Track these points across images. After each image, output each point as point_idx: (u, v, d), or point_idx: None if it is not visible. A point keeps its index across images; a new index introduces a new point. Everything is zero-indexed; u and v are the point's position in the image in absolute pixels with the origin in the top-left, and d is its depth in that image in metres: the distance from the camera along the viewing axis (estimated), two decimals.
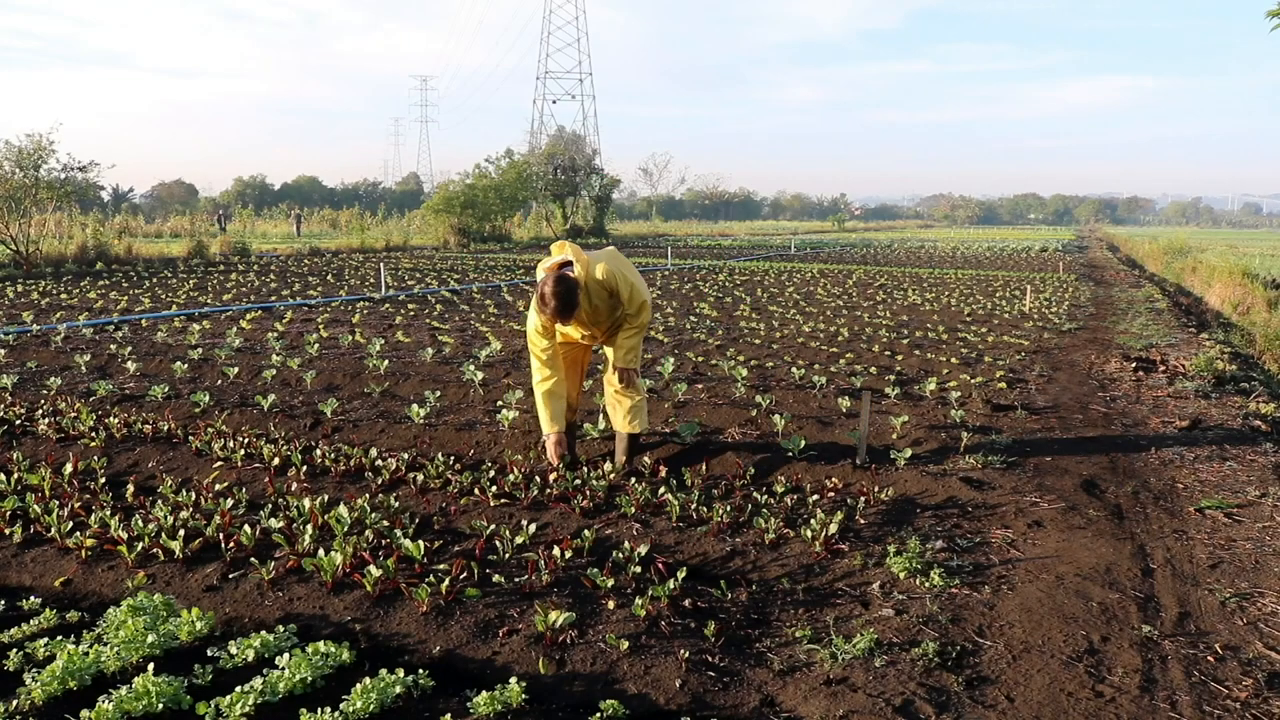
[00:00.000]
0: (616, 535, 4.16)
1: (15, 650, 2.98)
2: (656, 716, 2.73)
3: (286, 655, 2.84)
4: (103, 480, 4.80)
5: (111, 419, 5.93)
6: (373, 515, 4.18)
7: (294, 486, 4.76)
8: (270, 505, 4.41)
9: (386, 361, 7.91)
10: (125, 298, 14.17)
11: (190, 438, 5.63)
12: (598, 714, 2.66)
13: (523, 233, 43.94)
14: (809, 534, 4.02)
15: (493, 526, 4.12)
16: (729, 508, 4.34)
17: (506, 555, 3.82)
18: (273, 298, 14.75)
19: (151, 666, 2.74)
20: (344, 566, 3.54)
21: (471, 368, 7.62)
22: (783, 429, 5.78)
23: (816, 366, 8.27)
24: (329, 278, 19.00)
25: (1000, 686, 2.89)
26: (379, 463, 5.09)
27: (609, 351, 5.18)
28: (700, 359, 8.68)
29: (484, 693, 2.70)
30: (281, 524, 4.05)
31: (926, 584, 3.62)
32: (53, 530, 3.98)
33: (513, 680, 2.76)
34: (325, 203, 79.58)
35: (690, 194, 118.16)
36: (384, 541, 3.94)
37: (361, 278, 19.07)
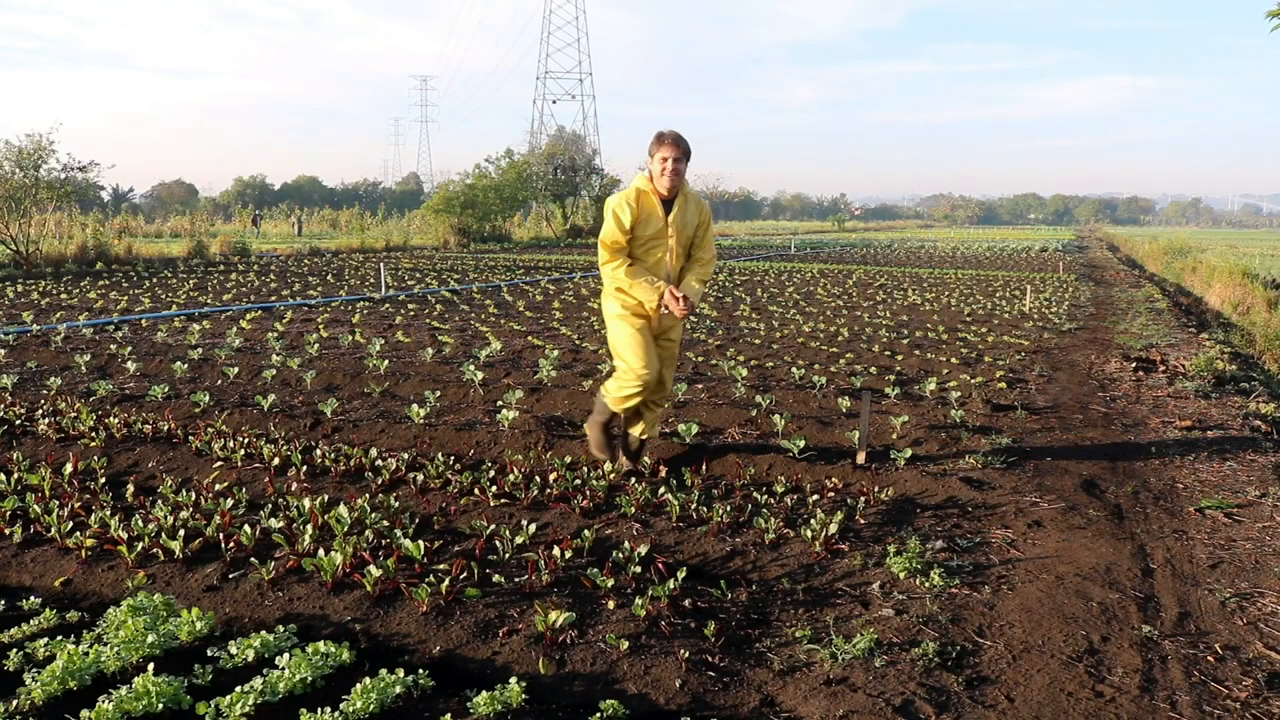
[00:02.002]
0: (616, 535, 4.16)
1: (15, 650, 2.97)
2: (656, 716, 2.73)
3: (286, 655, 2.84)
4: (103, 480, 4.79)
5: (111, 419, 5.93)
6: (373, 515, 4.18)
7: (294, 486, 4.76)
8: (270, 505, 4.41)
9: (386, 361, 7.91)
10: (125, 298, 14.17)
11: (190, 438, 5.63)
12: (598, 714, 2.65)
13: (523, 233, 43.94)
14: (809, 534, 4.02)
15: (493, 526, 4.12)
16: (729, 508, 4.34)
17: (506, 555, 3.82)
18: (273, 298, 14.75)
19: (151, 666, 2.73)
20: (344, 566, 3.54)
21: (471, 368, 7.62)
22: (783, 429, 5.78)
23: (816, 366, 8.27)
24: (329, 278, 19.00)
25: (1000, 686, 2.88)
26: (379, 463, 5.08)
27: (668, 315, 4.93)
28: (700, 359, 8.68)
29: (484, 693, 2.69)
30: (281, 524, 4.04)
31: (926, 584, 3.62)
32: (53, 530, 3.98)
33: (513, 680, 2.76)
34: (325, 203, 79.61)
35: None
36: (384, 541, 3.94)
37: (361, 278, 19.07)
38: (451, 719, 2.60)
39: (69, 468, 4.88)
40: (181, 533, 3.88)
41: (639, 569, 3.67)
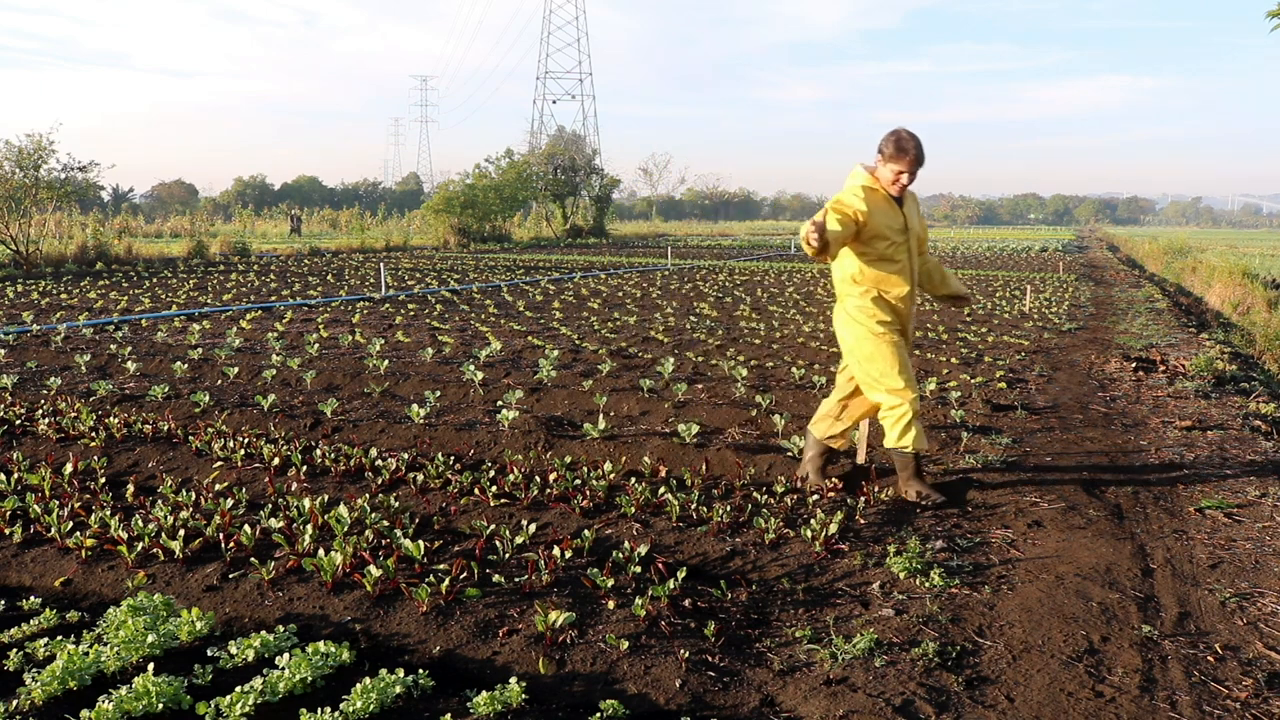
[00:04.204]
0: (616, 535, 4.16)
1: (15, 650, 2.97)
2: (656, 716, 2.73)
3: (286, 655, 2.84)
4: (103, 480, 4.79)
5: (111, 419, 5.93)
6: (373, 515, 4.18)
7: (294, 486, 4.76)
8: (270, 505, 4.41)
9: (386, 361, 7.91)
10: (125, 298, 14.18)
11: (190, 438, 5.63)
12: (598, 714, 2.65)
13: (523, 233, 43.96)
14: (809, 534, 4.02)
15: (493, 526, 4.12)
16: (729, 508, 4.34)
17: (506, 555, 3.82)
18: (273, 298, 14.75)
19: (151, 666, 2.74)
20: (344, 566, 3.54)
21: (471, 368, 7.62)
22: (783, 429, 5.78)
23: (816, 366, 8.26)
24: (329, 278, 19.00)
25: (1000, 686, 2.88)
26: (379, 463, 5.08)
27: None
28: (700, 359, 8.68)
29: (484, 693, 2.69)
30: (281, 524, 4.04)
31: (926, 584, 3.62)
32: (53, 530, 3.98)
33: (513, 680, 2.76)
34: (325, 203, 79.68)
35: (690, 194, 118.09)
36: (384, 541, 3.94)
37: (361, 278, 19.08)
38: (451, 719, 2.60)
39: (69, 468, 4.88)
40: (181, 533, 3.88)
41: (639, 569, 3.67)
